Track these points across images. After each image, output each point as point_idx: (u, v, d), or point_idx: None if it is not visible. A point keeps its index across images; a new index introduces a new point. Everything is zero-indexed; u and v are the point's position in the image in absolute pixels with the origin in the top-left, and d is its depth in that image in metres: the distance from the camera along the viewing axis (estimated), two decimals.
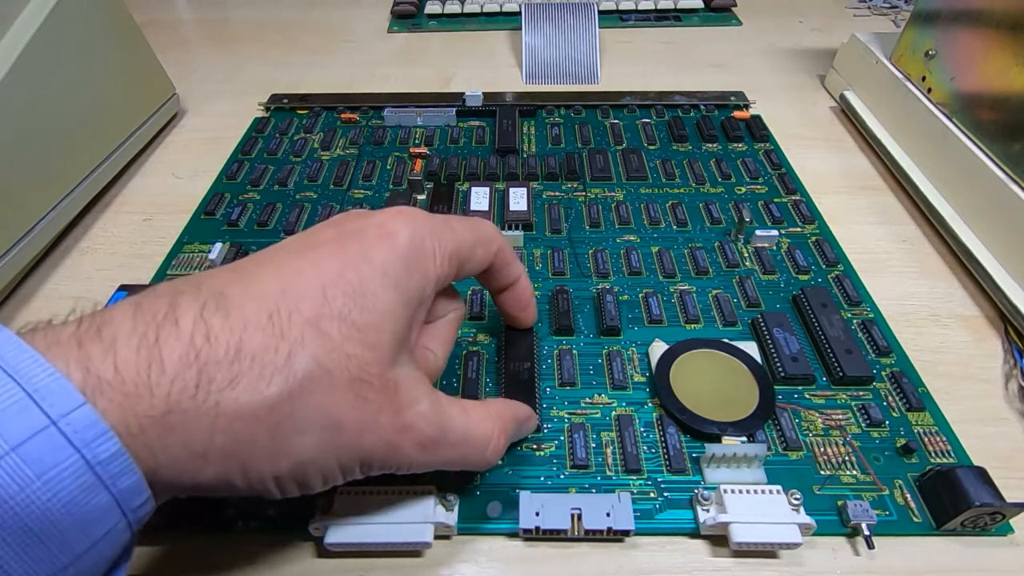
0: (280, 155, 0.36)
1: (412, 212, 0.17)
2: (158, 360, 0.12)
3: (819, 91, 0.44)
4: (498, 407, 0.19)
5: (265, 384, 0.13)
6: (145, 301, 0.13)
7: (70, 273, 0.30)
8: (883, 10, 0.54)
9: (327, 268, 0.15)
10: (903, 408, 0.23)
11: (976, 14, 0.30)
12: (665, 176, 0.34)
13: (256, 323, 0.13)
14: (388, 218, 0.17)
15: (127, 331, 0.12)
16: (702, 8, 0.55)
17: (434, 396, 0.16)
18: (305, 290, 0.14)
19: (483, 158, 0.35)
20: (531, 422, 0.21)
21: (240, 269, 0.15)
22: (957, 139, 0.30)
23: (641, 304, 0.27)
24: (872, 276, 0.28)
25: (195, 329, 0.13)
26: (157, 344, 0.12)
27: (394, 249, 0.16)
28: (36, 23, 0.29)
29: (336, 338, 0.14)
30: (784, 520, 0.18)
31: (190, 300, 0.13)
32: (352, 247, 0.16)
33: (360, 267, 0.15)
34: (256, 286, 0.14)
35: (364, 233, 0.16)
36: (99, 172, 0.33)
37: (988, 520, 0.19)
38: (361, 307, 0.15)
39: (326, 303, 0.14)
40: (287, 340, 0.14)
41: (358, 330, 0.15)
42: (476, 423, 0.17)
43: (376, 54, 0.49)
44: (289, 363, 0.13)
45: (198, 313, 0.13)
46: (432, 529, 0.18)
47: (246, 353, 0.13)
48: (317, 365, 0.14)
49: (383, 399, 0.15)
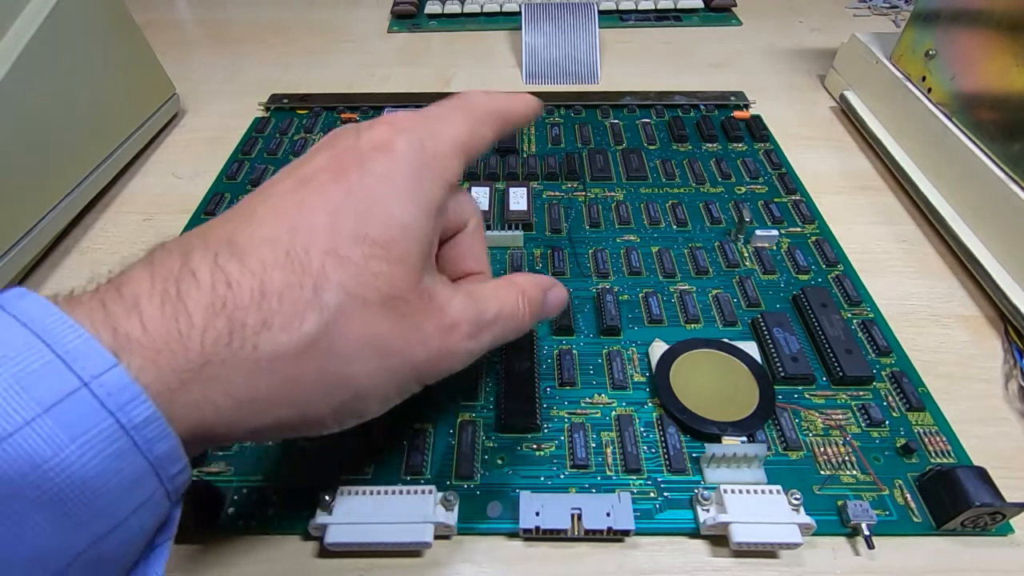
0: (280, 155, 0.36)
1: (402, 118, 0.16)
2: (184, 313, 0.12)
3: (819, 91, 0.44)
4: (521, 278, 0.19)
5: (299, 321, 0.13)
6: (156, 259, 0.13)
7: (70, 273, 0.30)
8: (883, 10, 0.54)
9: (331, 194, 0.14)
10: (903, 408, 0.23)
11: (976, 14, 0.30)
12: (665, 176, 0.34)
13: (274, 263, 0.13)
14: (379, 131, 0.16)
15: (147, 289, 0.12)
16: (702, 8, 0.55)
17: (463, 288, 0.16)
18: (315, 221, 0.14)
19: (483, 158, 0.35)
20: (560, 293, 0.20)
21: (240, 215, 0.14)
22: (957, 139, 0.30)
23: (641, 304, 0.27)
24: (872, 276, 0.28)
25: (214, 278, 0.12)
26: (180, 298, 0.12)
27: (395, 159, 0.15)
28: (36, 23, 0.29)
29: (359, 261, 0.14)
30: (784, 520, 0.18)
31: (201, 252, 0.13)
32: (351, 169, 0.15)
33: (365, 184, 0.15)
34: (263, 229, 0.14)
35: (359, 151, 0.15)
36: (99, 172, 0.33)
37: (988, 520, 0.19)
38: (378, 223, 0.14)
39: (339, 229, 0.14)
40: (310, 274, 0.13)
41: (381, 247, 0.14)
42: (504, 297, 0.17)
43: (376, 54, 0.49)
44: (317, 296, 0.13)
45: (213, 262, 0.13)
46: (432, 529, 0.18)
47: (272, 293, 0.13)
48: (346, 293, 0.13)
49: (422, 309, 0.15)
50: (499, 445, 0.22)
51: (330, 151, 0.16)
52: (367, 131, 0.16)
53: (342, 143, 0.16)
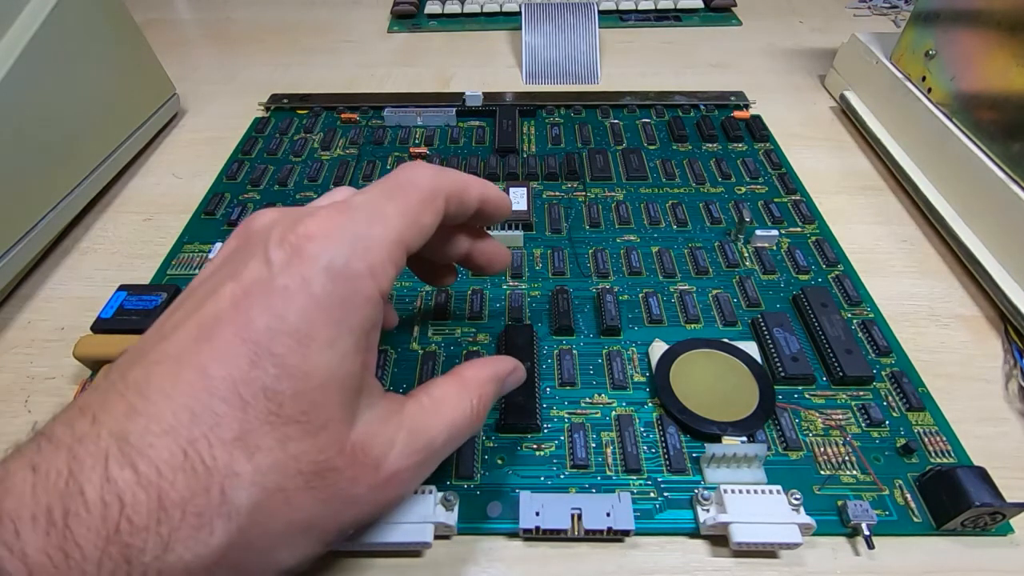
0: (280, 155, 0.36)
1: (328, 228, 0.14)
2: (73, 545, 0.10)
3: (819, 91, 0.44)
4: (472, 372, 0.17)
5: (207, 533, 0.11)
6: (41, 458, 0.11)
7: (70, 273, 0.30)
8: (883, 10, 0.54)
9: (237, 357, 0.12)
10: (903, 408, 0.23)
11: (976, 14, 0.30)
12: (665, 176, 0.34)
13: (171, 464, 0.11)
14: (299, 254, 0.13)
15: (30, 511, 0.11)
16: (702, 8, 0.55)
17: (405, 419, 0.15)
18: (218, 404, 0.12)
19: (483, 158, 0.35)
20: (517, 373, 0.19)
21: (136, 385, 0.12)
22: (957, 139, 0.30)
23: (641, 304, 0.27)
24: (872, 276, 0.28)
25: (105, 496, 0.11)
26: (67, 527, 0.10)
27: (313, 300, 0.13)
28: (36, 23, 0.29)
29: (274, 447, 0.12)
30: (784, 520, 0.18)
31: (91, 452, 0.11)
32: (258, 317, 0.12)
33: (276, 345, 0.12)
34: (161, 414, 0.12)
35: (270, 286, 0.13)
36: (99, 172, 0.33)
37: (988, 520, 0.19)
38: (293, 394, 0.12)
39: (247, 409, 0.12)
40: (216, 474, 0.11)
41: (297, 422, 0.12)
42: (455, 407, 0.16)
43: (376, 54, 0.49)
44: (226, 500, 0.12)
45: (103, 473, 0.11)
46: (432, 529, 0.18)
47: (172, 506, 0.11)
48: (261, 488, 0.12)
49: (353, 471, 0.13)
50: (499, 445, 0.22)
51: (236, 283, 0.13)
52: (279, 249, 0.13)
53: (249, 272, 0.13)
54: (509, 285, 0.28)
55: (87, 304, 0.28)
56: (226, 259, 0.15)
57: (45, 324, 0.27)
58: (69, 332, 0.27)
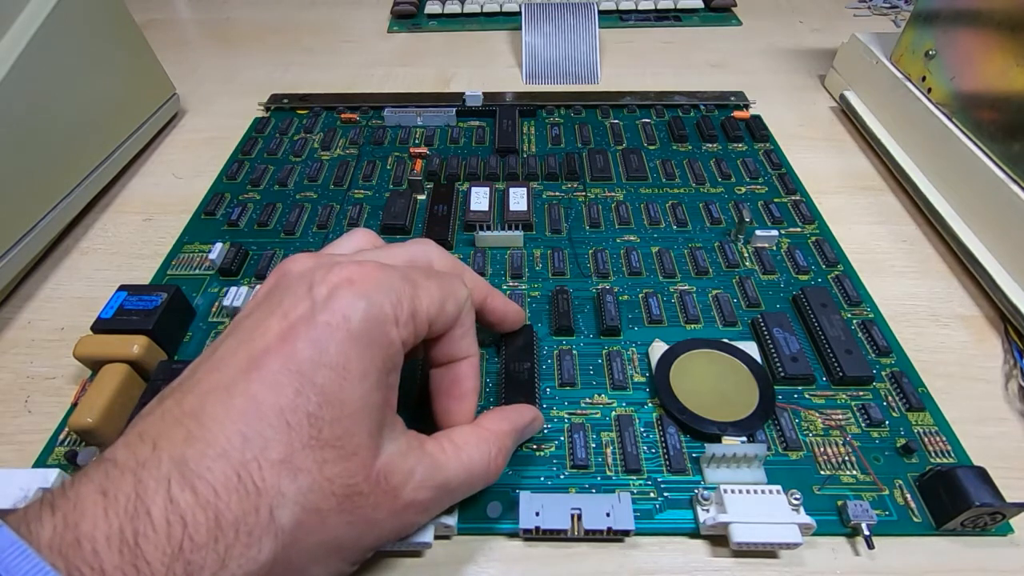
0: (280, 155, 0.36)
1: (365, 276, 0.16)
2: (144, 562, 0.11)
3: (819, 91, 0.44)
4: (494, 422, 0.19)
5: (256, 550, 0.13)
6: (109, 484, 0.12)
7: (70, 273, 0.30)
8: (883, 10, 0.54)
9: (282, 390, 0.14)
10: (903, 408, 0.23)
11: (976, 14, 0.30)
12: (665, 176, 0.34)
13: (226, 486, 0.13)
14: (338, 294, 0.15)
15: (104, 532, 0.12)
16: (702, 8, 0.55)
17: (424, 456, 0.16)
18: (267, 428, 0.13)
19: (483, 158, 0.35)
20: (536, 423, 0.21)
21: (192, 412, 0.14)
22: (957, 139, 0.30)
23: (641, 304, 0.27)
24: (872, 276, 0.28)
25: (169, 516, 0.12)
26: (137, 545, 0.12)
27: (351, 336, 0.14)
28: (36, 23, 0.29)
29: (313, 469, 0.14)
30: (784, 520, 0.18)
31: (154, 476, 0.12)
32: (303, 350, 0.14)
33: (318, 375, 0.14)
34: (216, 439, 0.13)
35: (313, 322, 0.14)
36: (99, 172, 0.33)
37: (988, 520, 0.19)
38: (331, 420, 0.14)
39: (291, 433, 0.13)
40: (265, 495, 0.13)
41: (333, 447, 0.14)
42: (472, 455, 0.17)
43: (376, 54, 0.49)
44: (273, 519, 0.13)
45: (166, 496, 0.12)
46: (432, 529, 0.18)
47: (227, 525, 0.12)
48: (302, 508, 0.13)
49: (376, 497, 0.15)
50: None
51: (283, 318, 0.15)
52: (322, 287, 0.15)
53: (294, 308, 0.15)
54: (509, 285, 0.28)
55: (87, 304, 0.28)
56: (267, 296, 0.16)
57: (45, 324, 0.27)
58: (69, 332, 0.27)
